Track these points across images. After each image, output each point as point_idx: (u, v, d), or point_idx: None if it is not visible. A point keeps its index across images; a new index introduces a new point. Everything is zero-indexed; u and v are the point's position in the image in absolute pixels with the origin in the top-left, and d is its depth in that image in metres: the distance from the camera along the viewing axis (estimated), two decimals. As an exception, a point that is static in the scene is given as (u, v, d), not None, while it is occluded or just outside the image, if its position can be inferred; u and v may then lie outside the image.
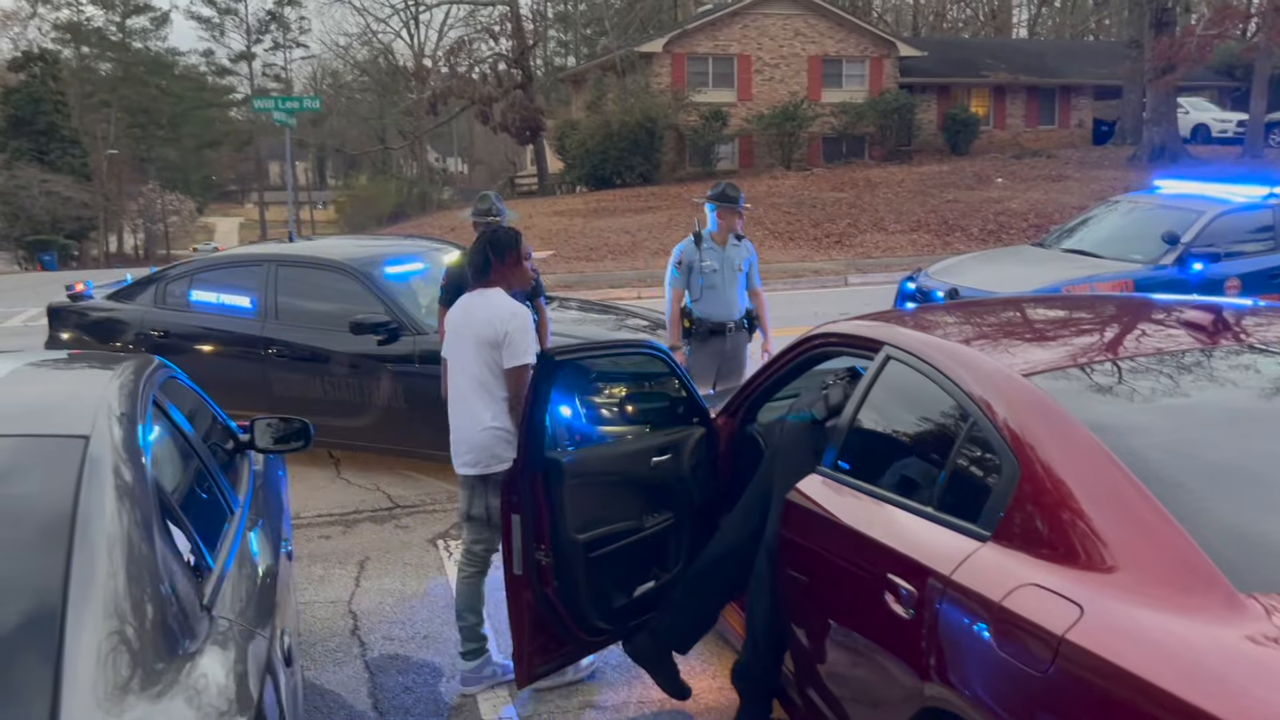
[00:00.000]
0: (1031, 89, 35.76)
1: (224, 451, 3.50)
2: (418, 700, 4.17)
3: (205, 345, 7.33)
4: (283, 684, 2.23)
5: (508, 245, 4.29)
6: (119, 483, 2.21)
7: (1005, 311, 3.81)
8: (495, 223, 4.91)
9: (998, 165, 28.35)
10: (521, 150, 47.46)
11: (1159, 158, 25.23)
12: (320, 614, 5.00)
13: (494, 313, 4.15)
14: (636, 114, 29.56)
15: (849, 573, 2.94)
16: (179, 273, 7.86)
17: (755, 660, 3.52)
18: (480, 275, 4.27)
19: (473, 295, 4.30)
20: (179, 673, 1.79)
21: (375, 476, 7.14)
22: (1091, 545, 2.22)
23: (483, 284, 4.26)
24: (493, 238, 4.33)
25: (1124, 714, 1.92)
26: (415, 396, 6.76)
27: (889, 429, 3.23)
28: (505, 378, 4.12)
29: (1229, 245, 8.89)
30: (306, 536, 6.00)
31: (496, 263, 4.24)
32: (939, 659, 2.45)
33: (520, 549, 3.62)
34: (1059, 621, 2.10)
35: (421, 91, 42.76)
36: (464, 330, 4.24)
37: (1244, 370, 2.73)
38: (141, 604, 1.91)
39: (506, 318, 4.12)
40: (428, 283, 7.62)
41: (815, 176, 28.36)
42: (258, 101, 18.87)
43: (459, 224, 26.65)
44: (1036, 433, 2.50)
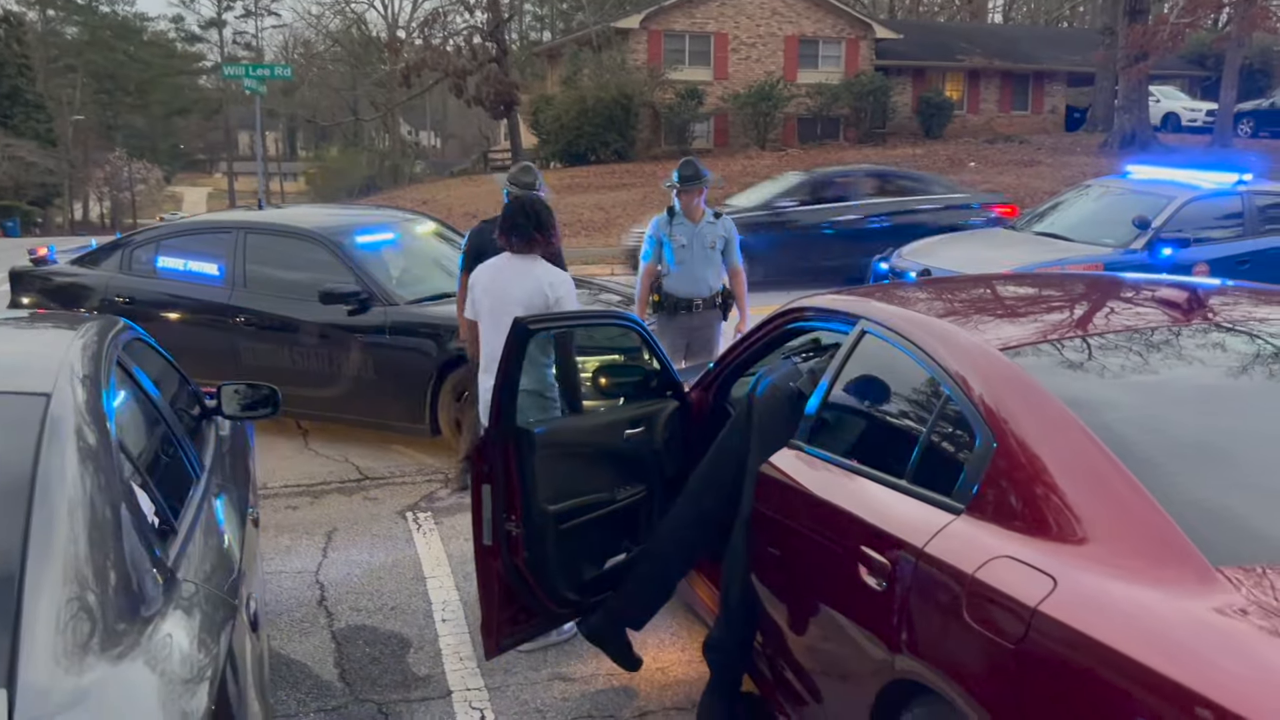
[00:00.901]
0: (1006, 74, 35.88)
1: (190, 416, 3.44)
2: (385, 671, 4.14)
3: (171, 312, 7.23)
4: (248, 649, 2.19)
5: (551, 217, 4.58)
6: (81, 443, 2.16)
7: (982, 288, 3.80)
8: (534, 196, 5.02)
9: (971, 149, 28.43)
10: (495, 125, 47.05)
11: (1130, 145, 25.37)
12: (287, 584, 4.95)
13: (542, 280, 4.46)
14: (612, 90, 29.38)
15: (822, 545, 2.94)
16: (145, 238, 7.74)
17: (728, 634, 3.52)
18: (524, 242, 4.50)
19: (511, 260, 4.54)
20: (140, 635, 1.75)
21: (344, 448, 7.08)
22: (1065, 518, 2.22)
23: (524, 250, 4.51)
24: (540, 207, 4.58)
25: (1095, 685, 1.92)
26: (385, 368, 6.71)
27: (864, 402, 3.23)
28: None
29: (1198, 231, 8.97)
30: (274, 507, 5.94)
31: (540, 233, 4.50)
32: (910, 631, 2.45)
33: (490, 519, 3.59)
34: (1032, 593, 2.10)
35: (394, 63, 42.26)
36: (507, 295, 4.46)
37: (1216, 348, 2.74)
38: (103, 565, 1.86)
39: (557, 283, 4.47)
40: (399, 253, 7.55)
41: (790, 157, 28.31)
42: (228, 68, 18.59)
43: (430, 197, 26.47)
44: (1012, 407, 2.50)
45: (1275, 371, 2.64)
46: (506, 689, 3.97)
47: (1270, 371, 2.64)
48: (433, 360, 6.53)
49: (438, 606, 4.70)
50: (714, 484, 3.65)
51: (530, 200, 4.66)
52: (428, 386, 6.53)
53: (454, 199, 25.51)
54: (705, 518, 3.68)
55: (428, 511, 5.91)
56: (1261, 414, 2.49)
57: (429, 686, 4.02)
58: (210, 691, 1.77)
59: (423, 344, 6.60)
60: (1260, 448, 2.38)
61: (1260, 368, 2.66)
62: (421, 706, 3.87)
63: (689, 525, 3.70)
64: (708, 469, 3.70)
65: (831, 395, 3.21)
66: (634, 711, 3.81)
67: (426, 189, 31.28)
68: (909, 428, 2.89)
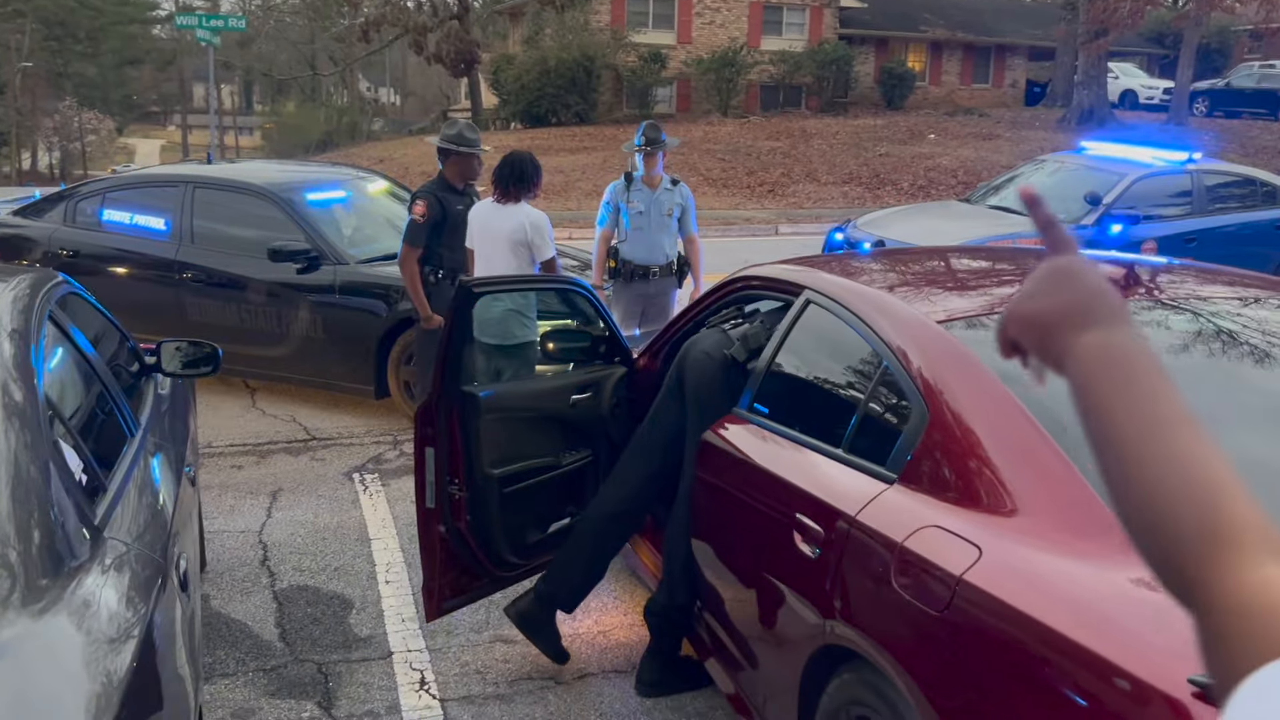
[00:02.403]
0: (968, 47, 35.96)
1: (127, 373, 3.39)
2: (325, 631, 4.13)
3: (116, 267, 7.10)
4: (176, 609, 2.18)
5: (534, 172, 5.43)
6: (5, 399, 2.12)
7: (928, 261, 3.83)
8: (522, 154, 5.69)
9: (931, 121, 28.52)
10: (455, 83, 46.47)
11: (1088, 121, 25.60)
12: (229, 544, 4.92)
13: (524, 219, 5.31)
14: (574, 51, 29.07)
15: (760, 513, 2.97)
16: (90, 190, 7.59)
17: (670, 599, 3.55)
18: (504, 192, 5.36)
19: (497, 205, 5.38)
20: (63, 591, 1.73)
21: (291, 408, 7.02)
22: (994, 490, 2.26)
23: (509, 198, 5.35)
24: (524, 164, 5.40)
25: (1018, 654, 1.97)
26: (334, 327, 6.65)
27: (805, 372, 3.25)
28: (542, 270, 5.37)
29: (1148, 208, 9.08)
30: (218, 466, 5.89)
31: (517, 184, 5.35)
32: (842, 598, 2.48)
33: (434, 482, 3.58)
34: (958, 562, 2.13)
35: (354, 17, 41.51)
36: (496, 232, 5.35)
37: (1156, 326, 2.78)
38: (26, 521, 1.84)
39: (537, 221, 5.34)
40: (350, 212, 7.46)
41: (752, 124, 28.26)
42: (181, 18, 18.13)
43: (388, 155, 26.12)
44: (947, 379, 2.53)
45: (1213, 351, 2.69)
46: (448, 650, 3.98)
47: (1208, 350, 2.69)
48: (382, 321, 6.48)
49: (381, 568, 4.70)
50: (645, 457, 3.66)
51: (516, 157, 5.42)
52: (376, 347, 6.49)
53: (411, 158, 25.18)
54: (638, 494, 3.69)
55: (374, 473, 5.89)
56: (1194, 393, 2.54)
57: (370, 647, 4.02)
58: (134, 650, 1.75)
59: (372, 304, 6.55)
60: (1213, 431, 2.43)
61: (1198, 347, 2.70)
62: (362, 667, 3.87)
63: (620, 502, 3.70)
64: (639, 444, 3.71)
65: (774, 364, 3.23)
66: (574, 674, 3.84)
67: (384, 147, 30.83)
68: (848, 398, 2.91)
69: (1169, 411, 0.85)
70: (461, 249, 5.66)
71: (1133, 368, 0.88)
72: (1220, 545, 0.75)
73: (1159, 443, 0.83)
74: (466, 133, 5.80)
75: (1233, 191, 9.75)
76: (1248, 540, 0.76)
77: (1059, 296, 0.94)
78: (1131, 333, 0.91)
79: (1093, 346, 0.90)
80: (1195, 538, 0.77)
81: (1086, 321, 0.91)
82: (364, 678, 3.80)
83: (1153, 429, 0.84)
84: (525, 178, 5.34)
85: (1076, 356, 0.91)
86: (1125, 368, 0.88)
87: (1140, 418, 0.85)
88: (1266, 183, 9.98)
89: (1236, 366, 2.68)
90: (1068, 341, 0.92)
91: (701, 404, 3.44)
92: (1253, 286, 3.17)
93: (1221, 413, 2.50)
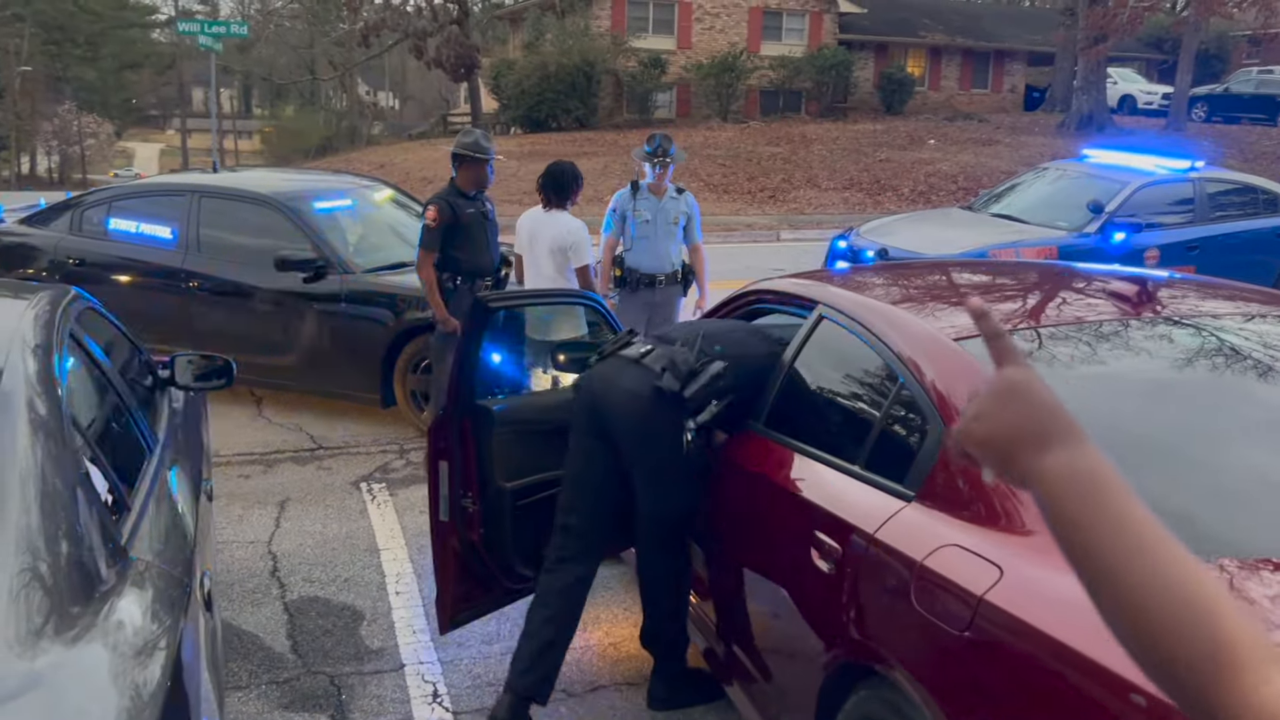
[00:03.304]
0: (967, 52, 36.04)
1: (143, 387, 3.40)
2: (338, 643, 4.14)
3: (123, 276, 7.12)
4: (202, 628, 2.19)
5: (574, 182, 5.95)
6: (33, 416, 2.13)
7: (939, 275, 3.85)
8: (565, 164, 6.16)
9: (930, 127, 28.58)
10: (455, 88, 46.49)
11: (1087, 126, 25.64)
12: (238, 554, 4.93)
13: (562, 227, 5.86)
14: (575, 56, 29.12)
15: (776, 528, 2.98)
16: (97, 199, 7.60)
17: (657, 624, 3.57)
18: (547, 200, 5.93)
19: (542, 213, 5.93)
20: (95, 616, 1.74)
21: (298, 417, 7.03)
22: (1012, 509, 2.27)
23: (550, 206, 5.92)
24: (564, 174, 5.92)
25: (1038, 673, 1.98)
26: (341, 336, 6.66)
27: (820, 388, 3.26)
28: (576, 275, 5.91)
29: (1150, 216, 9.10)
30: (225, 475, 5.89)
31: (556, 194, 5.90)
32: (861, 616, 2.50)
33: (447, 495, 3.59)
34: (979, 582, 2.15)
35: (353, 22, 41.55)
36: (538, 239, 5.90)
37: (1169, 343, 2.79)
38: (56, 543, 1.85)
39: (574, 229, 5.88)
40: (356, 220, 7.47)
41: (752, 130, 28.30)
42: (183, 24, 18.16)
43: (388, 160, 26.15)
44: (964, 396, 2.54)
45: (1227, 369, 2.70)
46: (460, 662, 3.99)
47: (1222, 369, 2.70)
48: (388, 330, 6.50)
49: (391, 579, 4.71)
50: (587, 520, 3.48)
51: (557, 167, 5.95)
52: (383, 356, 6.50)
53: (412, 163, 25.23)
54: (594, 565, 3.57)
55: (382, 483, 5.90)
56: (1211, 413, 2.56)
57: (382, 659, 4.03)
58: (165, 674, 1.76)
59: (379, 313, 6.56)
60: (1210, 446, 2.45)
61: (1213, 365, 2.72)
62: (374, 679, 3.88)
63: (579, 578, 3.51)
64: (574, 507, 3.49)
65: (788, 380, 3.24)
66: (586, 686, 3.85)
67: (384, 152, 30.87)
68: (864, 414, 2.92)
69: (1149, 533, 0.87)
70: (476, 252, 5.87)
71: (1104, 490, 0.89)
72: (1229, 668, 0.77)
73: (1145, 567, 0.85)
74: (482, 141, 5.94)
75: (1234, 200, 9.77)
76: (1253, 658, 0.78)
77: (1010, 416, 0.93)
78: (1093, 452, 0.91)
79: (1059, 469, 0.90)
80: (1203, 662, 0.78)
81: (1045, 442, 0.91)
82: (376, 690, 3.81)
83: (1136, 552, 0.86)
84: (564, 187, 5.86)
85: (1043, 479, 0.91)
86: (1096, 491, 0.89)
87: (1122, 542, 0.86)
88: (1267, 191, 10.01)
89: (1241, 382, 2.69)
90: (1030, 463, 0.92)
91: (647, 444, 3.31)
92: (1254, 301, 3.18)
93: (1226, 428, 2.52)
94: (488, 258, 5.97)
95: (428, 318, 6.31)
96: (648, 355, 3.35)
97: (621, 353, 3.42)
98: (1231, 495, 2.30)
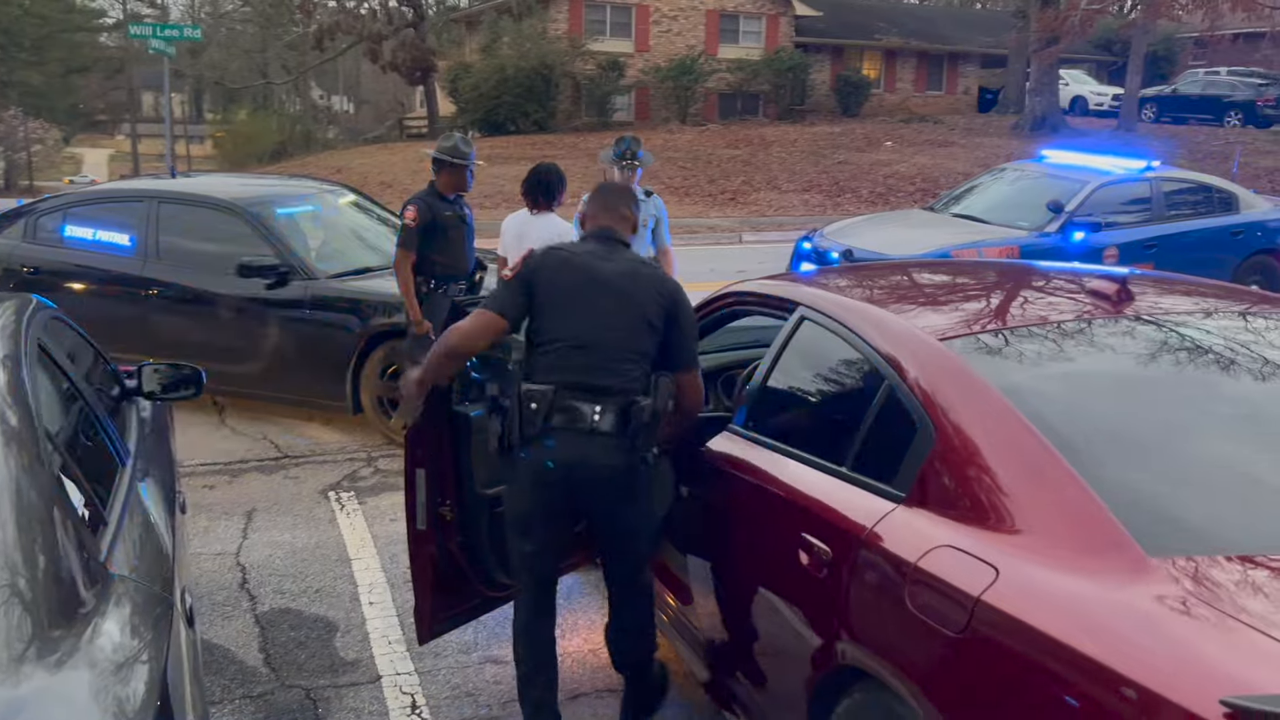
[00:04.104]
0: (921, 54, 36.39)
1: (110, 398, 3.31)
2: (311, 655, 4.07)
3: (79, 284, 6.97)
4: (184, 647, 2.13)
5: (557, 183, 5.84)
6: (4, 428, 2.06)
7: (922, 276, 3.85)
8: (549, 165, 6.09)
9: (887, 129, 28.80)
10: (411, 91, 46.18)
11: (1040, 127, 25.98)
12: (206, 566, 4.83)
13: (551, 230, 5.61)
14: (532, 60, 29.02)
15: (763, 533, 2.96)
16: (51, 206, 7.44)
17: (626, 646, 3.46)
18: (534, 202, 5.79)
19: (530, 215, 5.80)
20: (79, 639, 1.67)
21: (262, 425, 6.91)
22: (1006, 508, 2.27)
23: (538, 208, 5.77)
24: (550, 177, 5.82)
25: (1036, 674, 1.97)
26: (306, 344, 6.56)
27: (804, 389, 3.25)
28: None
29: (1109, 215, 9.22)
30: (190, 486, 5.77)
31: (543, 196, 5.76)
32: (852, 618, 2.48)
33: (425, 503, 3.54)
34: (975, 583, 2.14)
35: (307, 25, 41.19)
36: (527, 242, 5.39)
37: (1152, 340, 2.80)
38: (34, 562, 1.78)
39: (563, 233, 5.61)
40: (319, 225, 7.37)
41: (711, 132, 28.37)
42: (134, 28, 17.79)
43: (345, 165, 25.89)
44: (951, 397, 2.54)
45: (1212, 364, 2.72)
46: (437, 673, 3.93)
47: (1207, 364, 2.72)
48: (355, 336, 6.41)
49: (364, 589, 4.64)
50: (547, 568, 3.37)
51: (543, 169, 5.83)
52: (350, 363, 6.41)
53: (369, 167, 24.99)
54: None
55: (350, 491, 5.81)
56: (1196, 406, 2.57)
57: (358, 671, 3.96)
58: (151, 693, 1.70)
59: (345, 319, 6.47)
60: (1195, 439, 2.46)
61: (1195, 360, 2.73)
62: (350, 691, 3.82)
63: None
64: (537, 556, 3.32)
65: (771, 381, 3.23)
66: (566, 694, 3.80)
67: (340, 156, 30.55)
68: (849, 416, 2.91)
69: None
70: (452, 256, 5.87)
71: None
72: None
73: None
74: (461, 145, 5.94)
75: (1189, 199, 9.93)
76: None
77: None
78: None
79: None
80: None
81: None
82: (353, 703, 3.74)
83: None
84: (552, 188, 5.78)
85: None
86: None
87: None
88: (1222, 189, 10.18)
89: (1206, 375, 2.70)
90: None
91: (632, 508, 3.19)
92: (1212, 297, 3.21)
93: (1188, 420, 2.54)
94: (464, 261, 5.94)
95: (394, 323, 6.25)
96: (602, 418, 3.03)
97: (575, 426, 3.04)
98: (1207, 488, 2.31)
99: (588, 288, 3.10)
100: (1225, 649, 1.80)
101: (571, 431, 3.03)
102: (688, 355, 3.14)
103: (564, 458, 3.04)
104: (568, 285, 3.13)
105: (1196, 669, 1.77)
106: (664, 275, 3.26)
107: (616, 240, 3.29)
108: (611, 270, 3.13)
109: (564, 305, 3.10)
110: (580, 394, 3.01)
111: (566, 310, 3.10)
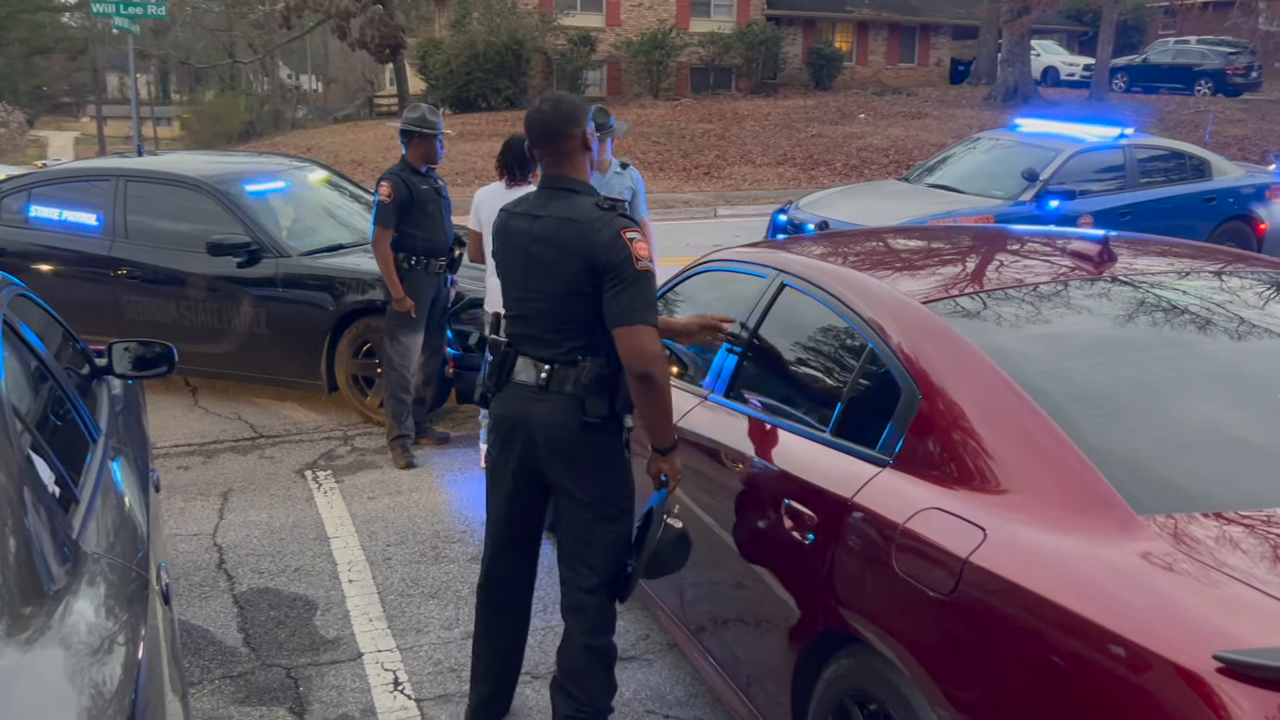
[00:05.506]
0: (893, 26, 36.32)
1: (80, 376, 3.25)
2: (291, 634, 4.03)
3: (46, 265, 6.85)
4: (161, 625, 2.08)
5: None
6: (-30, 408, 2.00)
7: (902, 241, 3.83)
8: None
9: (860, 101, 28.76)
10: (380, 69, 45.70)
11: (1013, 98, 26.00)
12: (183, 547, 4.77)
13: None
14: (503, 35, 28.76)
15: (747, 501, 2.94)
16: (14, 186, 7.29)
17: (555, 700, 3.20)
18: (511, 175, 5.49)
19: (505, 189, 5.43)
20: (50, 617, 1.63)
21: (235, 405, 6.84)
22: (992, 469, 2.25)
23: (514, 182, 5.45)
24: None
25: (1026, 634, 1.96)
26: (279, 322, 6.48)
27: (785, 355, 3.22)
28: None
29: (1083, 183, 9.23)
30: (164, 467, 5.71)
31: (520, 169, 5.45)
32: (839, 583, 2.46)
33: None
34: (963, 544, 2.12)
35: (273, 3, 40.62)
36: None
37: (1135, 300, 2.79)
38: (4, 537, 1.73)
39: None
40: (290, 202, 7.27)
41: (683, 107, 28.24)
42: (97, 5, 17.41)
43: (315, 144, 25.62)
44: (936, 360, 2.52)
45: (1195, 322, 2.71)
46: (419, 649, 3.90)
47: (1190, 322, 2.71)
48: (329, 314, 6.33)
49: (343, 567, 4.59)
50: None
51: (518, 139, 5.41)
52: (324, 341, 6.34)
53: (339, 145, 24.76)
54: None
55: (327, 470, 5.76)
56: (1180, 365, 2.56)
57: (339, 649, 3.92)
58: (127, 672, 1.66)
59: (318, 297, 6.39)
60: (1180, 398, 2.45)
61: (1178, 319, 2.72)
62: (332, 670, 3.78)
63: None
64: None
65: (752, 348, 3.20)
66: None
67: (309, 135, 30.23)
68: (833, 381, 2.89)
69: None
70: (431, 230, 5.74)
71: None
72: None
73: None
74: (429, 115, 5.81)
75: (1163, 166, 9.95)
76: None
77: None
78: None
79: None
80: None
81: None
82: (335, 680, 3.71)
83: None
84: (525, 162, 5.42)
85: None
86: None
87: None
88: (1194, 156, 10.20)
89: (1189, 335, 2.69)
90: None
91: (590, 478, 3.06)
92: (1189, 257, 3.20)
93: (1171, 379, 2.53)
94: (443, 235, 5.84)
95: (368, 300, 6.18)
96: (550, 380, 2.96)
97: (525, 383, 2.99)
98: (1193, 446, 2.31)
99: (516, 257, 3.03)
100: (1215, 604, 1.79)
101: (521, 388, 3.02)
102: (617, 311, 2.82)
103: (513, 412, 3.04)
104: (504, 254, 3.10)
105: (1187, 624, 1.76)
106: (594, 227, 2.86)
107: (559, 188, 3.00)
108: (539, 232, 2.95)
109: (504, 275, 3.10)
110: (526, 357, 3.02)
111: (506, 281, 3.09)
